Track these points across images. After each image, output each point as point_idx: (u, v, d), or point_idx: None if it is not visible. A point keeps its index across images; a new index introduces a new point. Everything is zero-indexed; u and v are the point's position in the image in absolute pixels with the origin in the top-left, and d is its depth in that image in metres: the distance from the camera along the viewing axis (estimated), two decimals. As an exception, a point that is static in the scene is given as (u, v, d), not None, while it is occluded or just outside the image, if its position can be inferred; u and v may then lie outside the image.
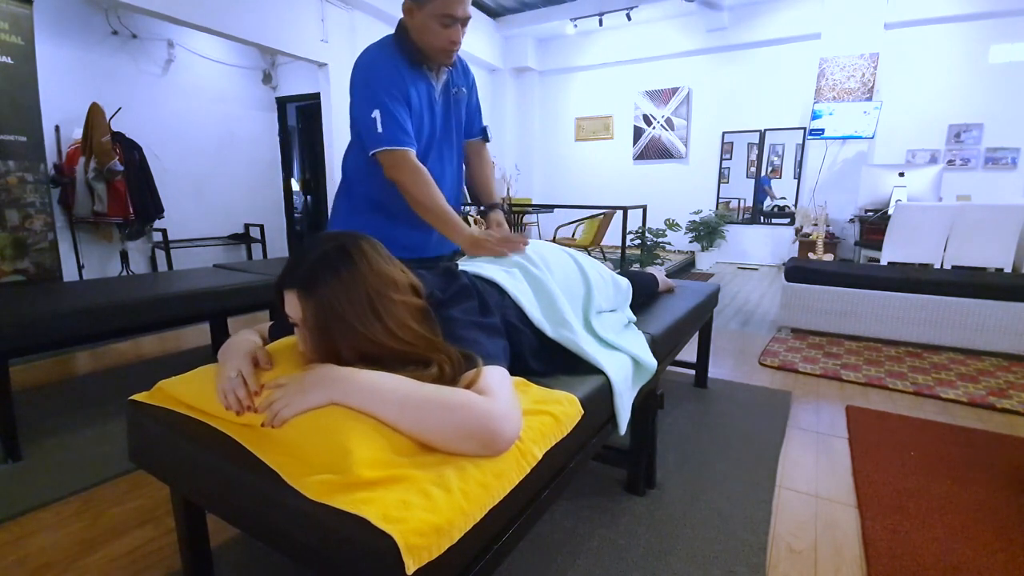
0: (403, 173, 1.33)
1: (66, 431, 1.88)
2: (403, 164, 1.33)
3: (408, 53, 1.37)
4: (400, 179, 1.34)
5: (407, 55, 1.37)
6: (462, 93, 1.54)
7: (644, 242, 4.80)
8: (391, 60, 1.35)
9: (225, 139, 5.30)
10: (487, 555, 0.74)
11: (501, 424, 0.73)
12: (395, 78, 1.34)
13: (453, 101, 1.51)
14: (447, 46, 1.34)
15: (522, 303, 1.08)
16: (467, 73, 1.57)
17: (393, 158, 1.33)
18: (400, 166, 1.33)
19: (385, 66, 1.34)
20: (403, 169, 1.33)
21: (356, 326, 0.78)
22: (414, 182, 1.33)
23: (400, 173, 1.34)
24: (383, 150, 1.32)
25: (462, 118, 1.57)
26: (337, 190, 1.59)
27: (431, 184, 1.35)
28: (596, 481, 1.55)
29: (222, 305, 2.21)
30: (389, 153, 1.32)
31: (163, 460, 0.90)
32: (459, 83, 1.53)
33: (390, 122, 1.31)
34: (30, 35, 2.96)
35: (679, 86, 6.50)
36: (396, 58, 1.36)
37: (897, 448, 1.76)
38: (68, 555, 1.24)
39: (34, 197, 3.04)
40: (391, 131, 1.31)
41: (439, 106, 1.47)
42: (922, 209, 3.73)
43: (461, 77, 1.54)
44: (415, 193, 1.34)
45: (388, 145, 1.32)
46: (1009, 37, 4.86)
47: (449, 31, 1.32)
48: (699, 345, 2.29)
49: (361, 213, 1.50)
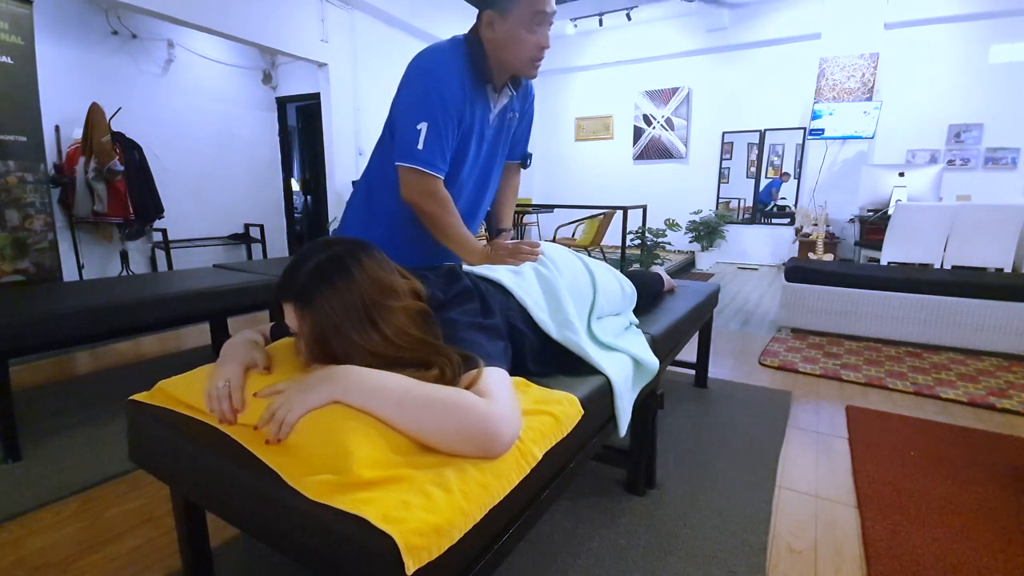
0: (427, 200, 1.23)
1: (66, 431, 1.88)
2: (431, 190, 1.23)
3: (477, 69, 1.25)
4: (424, 205, 1.24)
5: (475, 71, 1.25)
6: (515, 118, 1.44)
7: (644, 242, 4.80)
8: (458, 75, 1.22)
9: (225, 139, 5.30)
10: (487, 555, 0.74)
11: (500, 426, 0.72)
12: (457, 95, 1.22)
13: (506, 125, 1.42)
14: (535, 53, 1.22)
15: (527, 304, 1.08)
16: (528, 94, 1.46)
17: (421, 181, 1.21)
18: (429, 193, 1.23)
19: (451, 76, 1.21)
20: (429, 196, 1.23)
21: (353, 337, 0.77)
22: (439, 212, 1.24)
23: (427, 200, 1.23)
24: (412, 168, 1.20)
25: (508, 144, 1.48)
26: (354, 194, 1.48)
27: (454, 213, 1.27)
28: (596, 481, 1.55)
29: (222, 305, 2.21)
30: (418, 174, 1.20)
31: (163, 460, 0.90)
32: (515, 108, 1.42)
33: (434, 143, 1.19)
34: (30, 35, 2.96)
35: (679, 86, 6.50)
36: (464, 70, 1.23)
37: (897, 448, 1.76)
38: (68, 555, 1.24)
39: (34, 197, 3.04)
40: (431, 153, 1.19)
41: (491, 131, 1.37)
42: (922, 209, 3.73)
43: (520, 101, 1.43)
44: (436, 220, 1.25)
45: (421, 166, 1.19)
46: (1009, 37, 4.86)
47: (538, 35, 1.21)
48: (699, 345, 2.29)
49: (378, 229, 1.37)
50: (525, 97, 1.46)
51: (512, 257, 1.22)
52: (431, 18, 5.50)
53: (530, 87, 1.47)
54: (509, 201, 1.63)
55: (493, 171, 1.46)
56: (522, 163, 1.59)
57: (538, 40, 1.21)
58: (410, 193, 1.24)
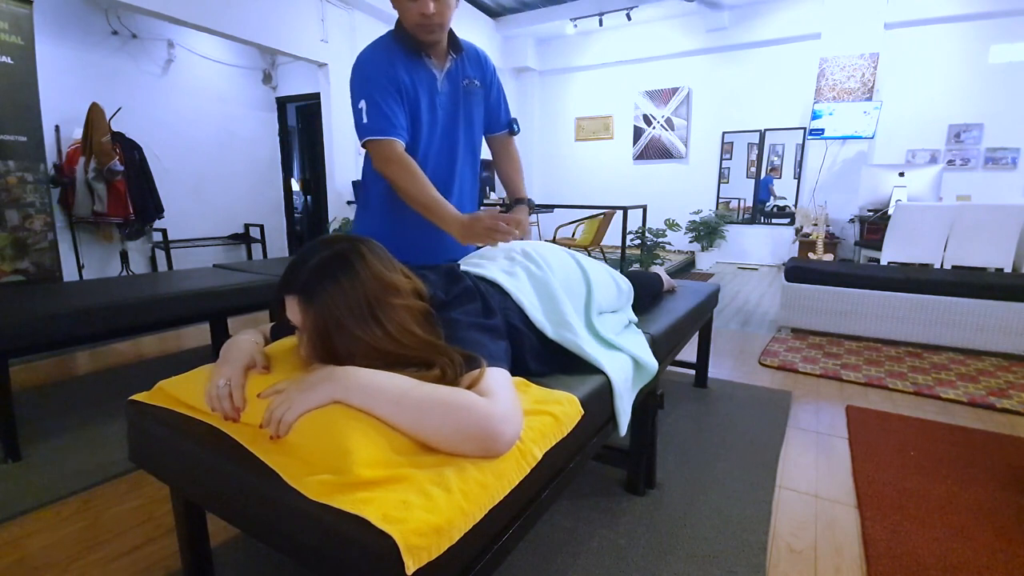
0: (388, 164, 1.30)
1: (66, 431, 1.88)
2: (388, 154, 1.29)
3: (404, 43, 1.35)
4: (386, 170, 1.31)
5: (403, 45, 1.35)
6: (474, 85, 1.47)
7: (644, 242, 4.80)
8: (385, 52, 1.33)
9: (225, 139, 5.30)
10: (487, 555, 0.74)
11: (501, 426, 0.72)
12: (386, 69, 1.31)
13: (463, 92, 1.45)
14: (419, 20, 1.29)
15: (523, 304, 1.08)
16: (484, 64, 1.51)
17: (378, 148, 1.30)
18: (385, 156, 1.30)
19: (377, 59, 1.33)
20: (388, 160, 1.30)
21: (356, 332, 0.77)
22: (400, 174, 1.29)
23: (385, 164, 1.30)
24: (368, 140, 1.30)
25: (474, 112, 1.50)
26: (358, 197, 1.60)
27: (418, 174, 1.30)
28: (596, 481, 1.55)
29: (222, 305, 2.21)
30: (374, 144, 1.30)
31: (163, 460, 0.90)
32: (471, 74, 1.46)
33: (375, 112, 1.29)
34: (30, 35, 2.96)
35: (679, 86, 6.50)
36: (392, 50, 1.34)
37: (897, 448, 1.76)
38: (68, 555, 1.24)
39: (34, 197, 3.04)
40: (375, 120, 1.29)
41: (443, 96, 1.42)
42: (922, 209, 3.73)
43: (474, 68, 1.47)
44: (401, 184, 1.29)
45: (372, 135, 1.29)
46: (1009, 37, 4.86)
47: (417, 3, 1.26)
48: (699, 345, 2.29)
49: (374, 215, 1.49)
50: (481, 65, 1.50)
51: (488, 236, 1.17)
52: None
53: (481, 53, 1.52)
54: (514, 169, 1.66)
55: (458, 137, 1.48)
56: (510, 131, 1.63)
57: (418, 7, 1.27)
58: (377, 165, 1.32)
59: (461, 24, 5.98)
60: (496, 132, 1.62)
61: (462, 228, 1.21)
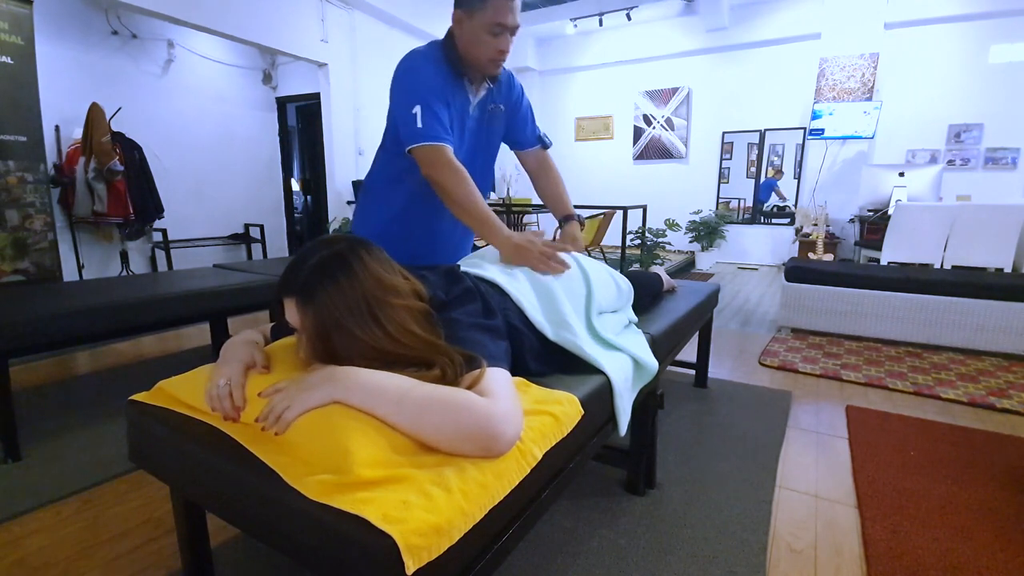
0: (442, 170, 1.28)
1: (66, 431, 1.88)
2: (442, 160, 1.27)
3: (452, 63, 1.34)
4: (438, 177, 1.28)
5: (451, 64, 1.34)
6: (499, 110, 1.49)
7: (644, 242, 4.80)
8: (436, 65, 1.32)
9: (225, 139, 5.30)
10: (487, 555, 0.74)
11: (501, 426, 0.72)
12: (439, 81, 1.31)
13: (487, 118, 1.47)
14: (495, 56, 1.31)
15: (523, 305, 1.08)
16: (511, 88, 1.52)
17: (432, 154, 1.27)
18: (439, 163, 1.28)
19: (430, 69, 1.31)
20: (442, 166, 1.27)
21: (356, 332, 0.77)
22: (454, 181, 1.27)
23: (438, 170, 1.28)
24: (422, 146, 1.27)
25: (494, 136, 1.52)
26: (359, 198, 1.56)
27: (470, 183, 1.29)
28: (596, 481, 1.55)
29: (222, 305, 2.21)
30: (428, 149, 1.27)
31: (163, 460, 0.90)
32: (497, 100, 1.48)
33: (431, 118, 1.27)
34: (30, 35, 2.96)
35: (679, 86, 6.50)
36: (441, 64, 1.33)
37: (897, 448, 1.76)
38: (68, 555, 1.24)
39: (34, 197, 3.04)
40: (431, 127, 1.27)
41: (472, 121, 1.43)
42: (922, 209, 3.73)
43: (501, 94, 1.49)
44: (454, 192, 1.27)
45: (427, 140, 1.26)
46: (1009, 37, 4.86)
47: (498, 40, 1.29)
48: (699, 345, 2.29)
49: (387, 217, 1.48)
50: (509, 90, 1.51)
51: (541, 263, 1.19)
52: (431, 18, 5.50)
53: (512, 79, 1.53)
54: (556, 184, 1.67)
55: (478, 163, 1.49)
56: (542, 145, 1.64)
57: (498, 44, 1.30)
58: (428, 170, 1.29)
59: (461, 24, 5.98)
60: (527, 148, 1.63)
61: (514, 250, 1.22)
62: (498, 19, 1.26)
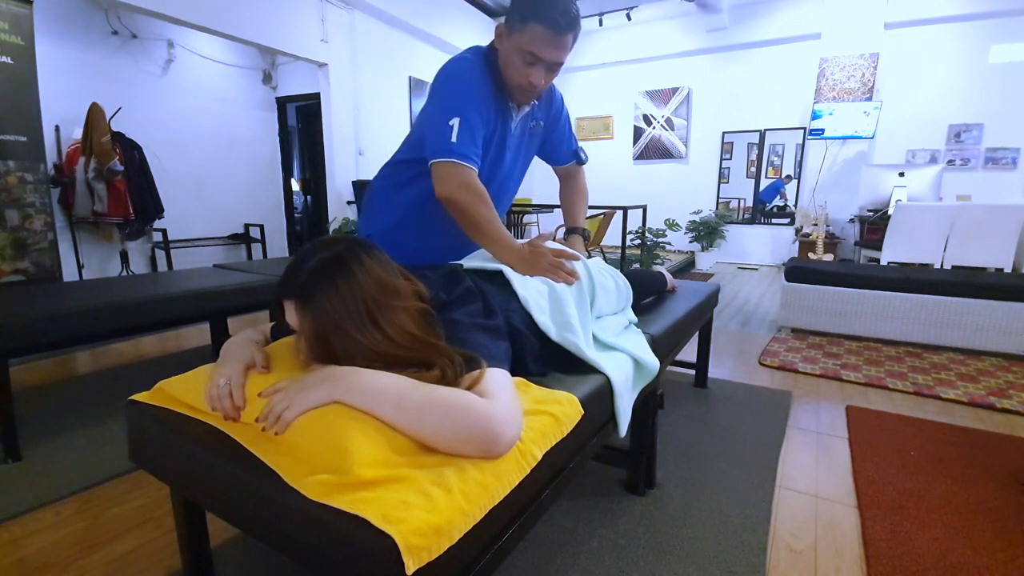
0: (465, 191, 1.20)
1: (66, 431, 1.87)
2: (467, 181, 1.20)
3: (495, 76, 1.27)
4: (460, 196, 1.20)
5: (493, 78, 1.27)
6: (539, 127, 1.44)
7: (644, 242, 4.80)
8: (481, 77, 1.25)
9: (225, 139, 5.30)
10: (487, 555, 0.74)
11: (501, 427, 0.72)
12: (484, 94, 1.24)
13: (528, 136, 1.42)
14: (525, 85, 1.24)
15: (530, 305, 1.08)
16: (551, 101, 1.46)
17: (457, 172, 1.19)
18: (463, 183, 1.20)
19: (477, 79, 1.24)
20: (466, 187, 1.20)
21: (355, 335, 0.77)
22: (474, 203, 1.20)
23: (461, 190, 1.20)
24: (447, 161, 1.19)
25: (531, 151, 1.48)
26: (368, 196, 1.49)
27: (491, 206, 1.23)
28: (596, 481, 1.55)
29: (222, 305, 2.21)
30: (453, 167, 1.19)
31: (163, 460, 0.90)
32: (538, 116, 1.42)
33: (467, 135, 1.19)
34: (30, 35, 2.96)
35: (679, 86, 6.50)
36: (486, 76, 1.26)
37: (897, 448, 1.76)
38: (68, 555, 1.24)
39: (34, 197, 3.04)
40: (465, 145, 1.19)
41: (513, 139, 1.37)
42: (922, 209, 3.73)
43: (542, 109, 1.43)
44: (472, 212, 1.21)
45: (456, 158, 1.18)
46: (1009, 37, 4.86)
47: (531, 70, 1.21)
48: (699, 345, 2.29)
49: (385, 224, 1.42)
50: (549, 104, 1.46)
51: (551, 272, 1.17)
52: (431, 18, 5.50)
53: (553, 91, 1.47)
54: (578, 198, 1.65)
55: (512, 181, 1.46)
56: (577, 160, 1.61)
57: (529, 75, 1.22)
58: (446, 188, 1.21)
59: (461, 24, 5.98)
60: (563, 164, 1.61)
61: (523, 262, 1.19)
62: (533, 48, 1.18)
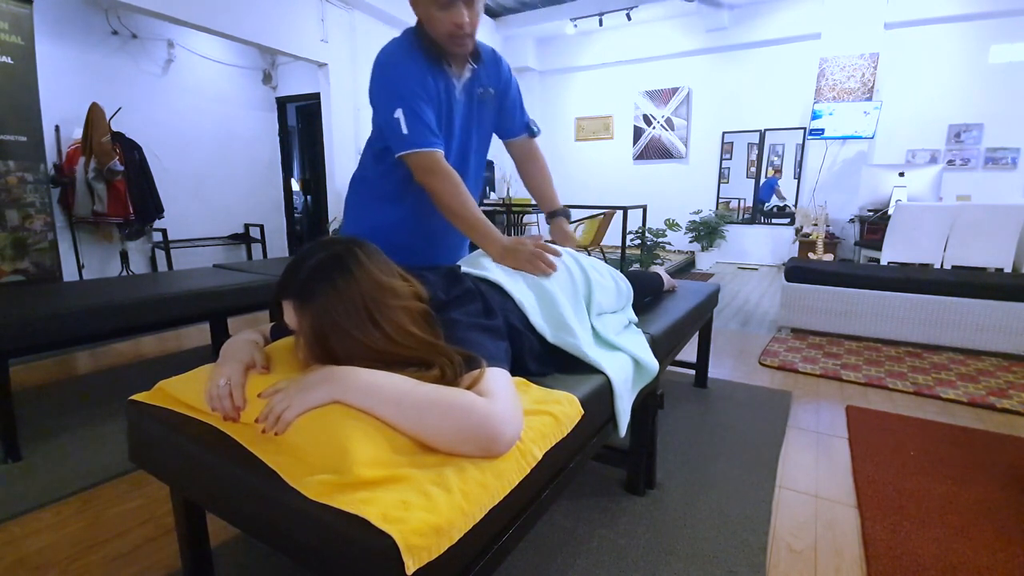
0: (433, 177, 1.23)
1: (66, 431, 1.87)
2: (433, 167, 1.23)
3: (425, 48, 1.28)
4: (430, 183, 1.24)
5: (424, 50, 1.28)
6: (488, 94, 1.42)
7: (644, 242, 4.80)
8: (409, 55, 1.26)
9: (225, 139, 5.30)
10: (487, 555, 0.74)
11: (501, 426, 0.72)
12: (418, 75, 1.24)
13: (477, 102, 1.41)
14: (452, 30, 1.21)
15: (524, 306, 1.08)
16: (499, 68, 1.45)
17: (422, 161, 1.23)
18: (430, 169, 1.23)
19: (404, 61, 1.25)
20: (433, 172, 1.23)
21: (354, 334, 0.77)
22: (444, 188, 1.23)
23: (430, 177, 1.23)
24: (409, 153, 1.22)
25: (485, 121, 1.46)
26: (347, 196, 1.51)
27: (462, 187, 1.25)
28: (596, 481, 1.55)
29: (222, 305, 2.21)
30: (417, 155, 1.22)
31: (163, 460, 0.90)
32: (485, 82, 1.41)
33: (415, 122, 1.21)
34: (30, 35, 2.96)
35: (679, 86, 6.50)
36: (414, 53, 1.27)
37: (897, 448, 1.76)
38: (68, 555, 1.24)
39: (34, 197, 3.04)
40: (417, 132, 1.21)
41: (460, 106, 1.36)
42: (922, 209, 3.73)
43: (490, 75, 1.42)
44: (446, 199, 1.23)
45: (415, 147, 1.22)
46: (1009, 37, 4.86)
47: (451, 13, 1.19)
48: (699, 345, 2.29)
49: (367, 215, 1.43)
50: (497, 71, 1.45)
51: (531, 263, 1.17)
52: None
53: (499, 59, 1.47)
54: (543, 177, 1.61)
55: (471, 147, 1.44)
56: (529, 133, 1.58)
57: (451, 18, 1.20)
58: (419, 176, 1.26)
59: (461, 24, 5.98)
60: (515, 136, 1.57)
61: (504, 253, 1.20)
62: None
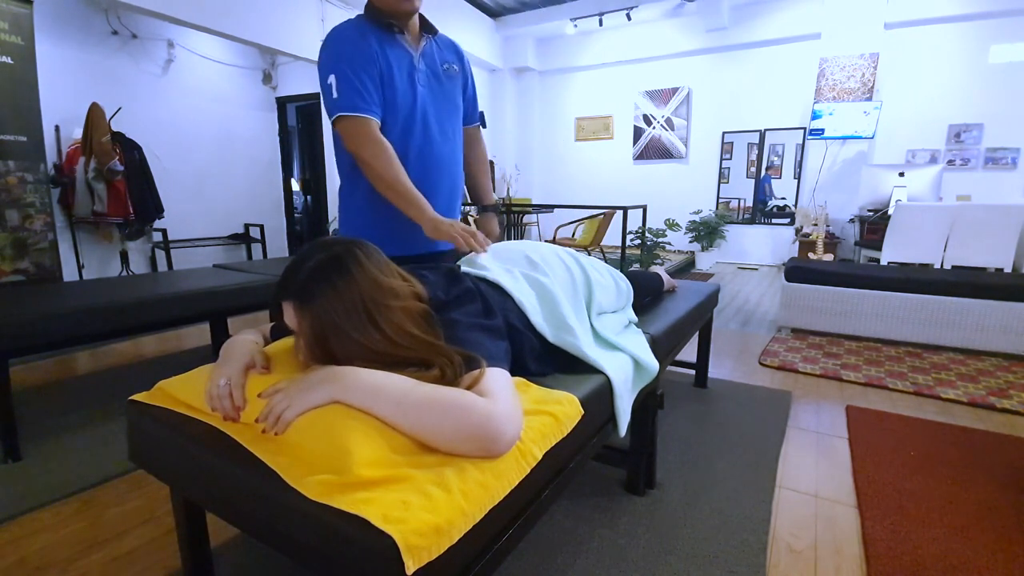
0: (361, 144, 1.21)
1: (66, 431, 1.88)
2: (361, 133, 1.21)
3: (377, 20, 1.29)
4: (360, 151, 1.22)
5: (376, 22, 1.29)
6: (454, 70, 1.43)
7: (644, 242, 4.80)
8: (357, 30, 1.27)
9: (225, 139, 5.30)
10: (487, 555, 0.74)
11: (501, 426, 0.72)
12: (359, 44, 1.25)
13: (445, 76, 1.41)
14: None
15: (524, 307, 1.08)
16: (458, 52, 1.48)
17: (350, 125, 1.21)
18: (358, 135, 1.21)
19: (349, 35, 1.26)
20: (361, 139, 1.21)
21: (353, 335, 0.77)
22: (373, 155, 1.21)
23: (358, 144, 1.21)
24: (339, 117, 1.21)
25: (456, 97, 1.45)
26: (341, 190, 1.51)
27: (393, 158, 1.23)
28: (596, 481, 1.55)
29: (222, 305, 2.21)
30: (344, 121, 1.21)
31: (163, 460, 0.90)
32: (449, 59, 1.43)
33: (347, 87, 1.20)
34: (30, 35, 2.96)
35: (679, 86, 6.50)
36: (364, 27, 1.28)
37: (897, 448, 1.76)
38: (68, 555, 1.24)
39: (34, 197, 3.04)
40: (347, 96, 1.20)
41: (422, 76, 1.36)
42: (922, 209, 3.73)
43: (450, 53, 1.45)
44: (376, 166, 1.21)
45: (343, 111, 1.20)
46: (1009, 37, 4.86)
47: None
48: (699, 345, 2.29)
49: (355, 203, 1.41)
50: (457, 53, 1.47)
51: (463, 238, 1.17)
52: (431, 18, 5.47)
53: (460, 51, 1.48)
54: (482, 170, 1.60)
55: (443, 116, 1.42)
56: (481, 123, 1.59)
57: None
58: (348, 144, 1.25)
59: (461, 24, 5.98)
60: (470, 124, 1.58)
61: (435, 223, 1.20)
62: None
